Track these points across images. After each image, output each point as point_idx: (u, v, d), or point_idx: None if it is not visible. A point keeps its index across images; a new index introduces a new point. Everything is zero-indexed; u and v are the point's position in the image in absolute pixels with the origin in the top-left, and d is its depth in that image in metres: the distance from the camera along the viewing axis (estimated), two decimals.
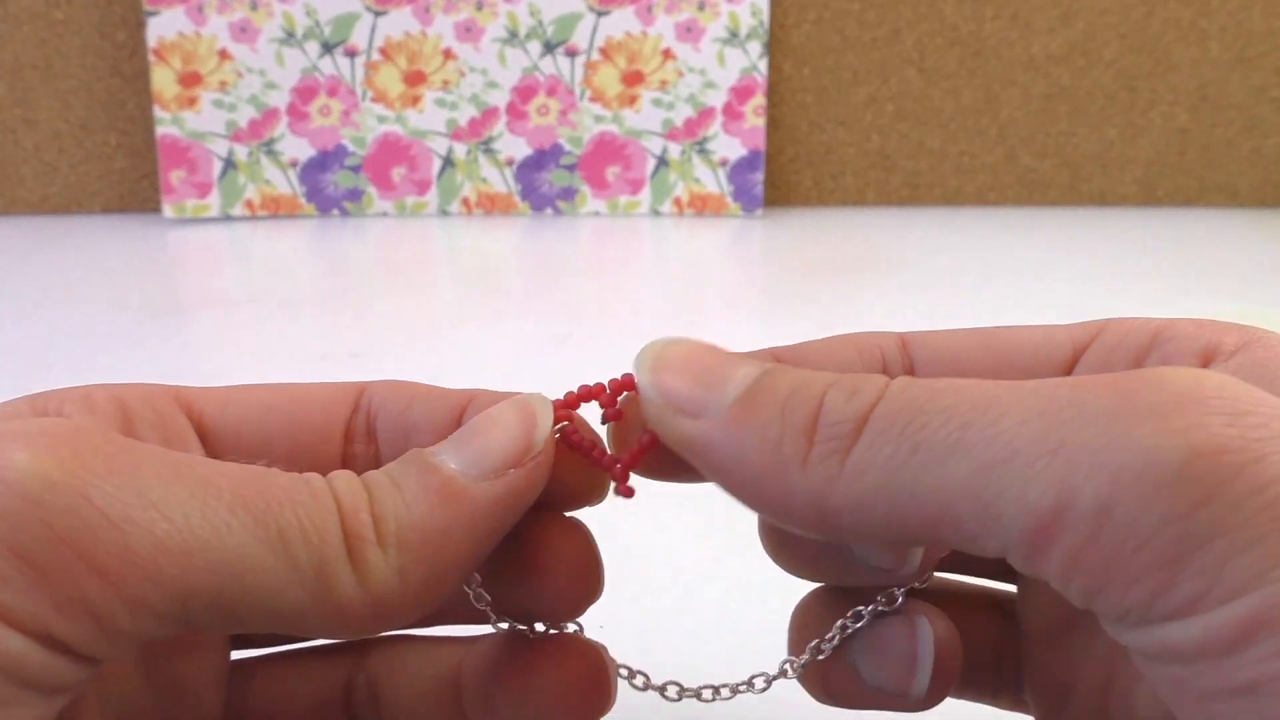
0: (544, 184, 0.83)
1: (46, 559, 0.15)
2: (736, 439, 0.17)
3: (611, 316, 0.63)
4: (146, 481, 0.16)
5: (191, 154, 0.81)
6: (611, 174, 0.83)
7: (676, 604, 0.34)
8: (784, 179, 0.86)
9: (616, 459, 0.20)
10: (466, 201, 0.83)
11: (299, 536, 0.17)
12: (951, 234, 0.80)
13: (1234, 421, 0.14)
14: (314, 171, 0.82)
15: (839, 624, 0.21)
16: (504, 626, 0.21)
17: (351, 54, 0.81)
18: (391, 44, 0.81)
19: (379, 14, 0.81)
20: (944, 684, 0.21)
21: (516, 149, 0.83)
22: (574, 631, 0.22)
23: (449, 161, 0.83)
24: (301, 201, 0.83)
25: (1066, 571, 0.15)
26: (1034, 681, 0.22)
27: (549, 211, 0.84)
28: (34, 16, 0.80)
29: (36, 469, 0.15)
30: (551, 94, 0.82)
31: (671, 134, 0.83)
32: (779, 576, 0.22)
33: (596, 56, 0.82)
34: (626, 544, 0.36)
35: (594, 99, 0.82)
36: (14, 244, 0.77)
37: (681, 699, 0.22)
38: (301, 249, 0.78)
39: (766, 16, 0.81)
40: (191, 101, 0.80)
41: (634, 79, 0.82)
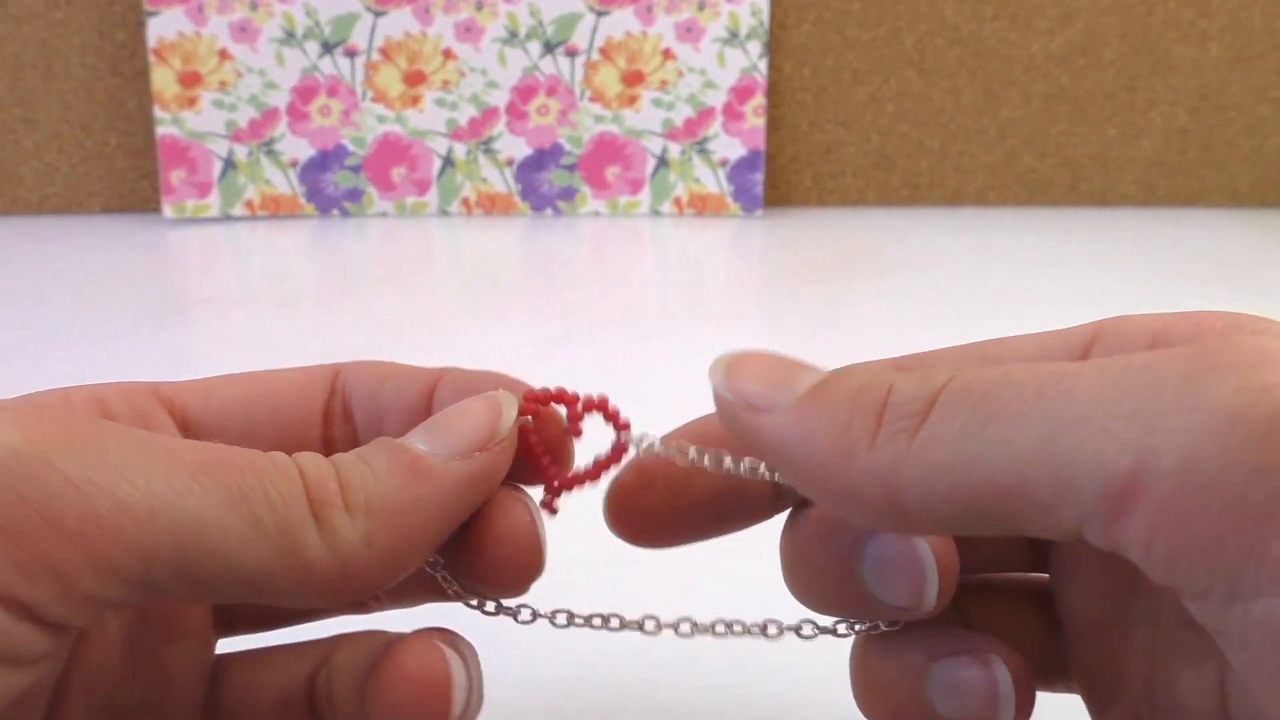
0: (544, 184, 0.83)
1: (9, 521, 0.15)
2: (805, 426, 0.17)
3: (611, 316, 0.63)
4: (109, 449, 0.16)
5: (191, 154, 0.81)
6: (611, 174, 0.83)
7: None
8: (784, 179, 0.86)
9: (556, 475, 0.21)
10: (466, 201, 0.83)
11: (262, 499, 0.17)
12: (951, 234, 0.80)
13: None
14: (314, 171, 0.82)
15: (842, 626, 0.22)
16: (481, 606, 0.22)
17: (351, 54, 0.81)
18: (391, 44, 0.81)
19: (379, 14, 0.81)
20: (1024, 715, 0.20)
21: (516, 149, 0.83)
22: (433, 631, 0.21)
23: (449, 161, 0.83)
24: (301, 201, 0.83)
25: (1148, 537, 0.14)
26: (1081, 675, 0.22)
27: (549, 211, 0.84)
28: (34, 16, 0.80)
29: (1, 439, 0.16)
30: (551, 94, 0.82)
31: (671, 134, 0.83)
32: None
33: (596, 56, 0.82)
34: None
35: (594, 99, 0.82)
36: (14, 244, 0.77)
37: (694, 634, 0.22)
38: (301, 249, 0.78)
39: (766, 16, 0.81)
40: (191, 101, 0.80)
41: (634, 79, 0.82)
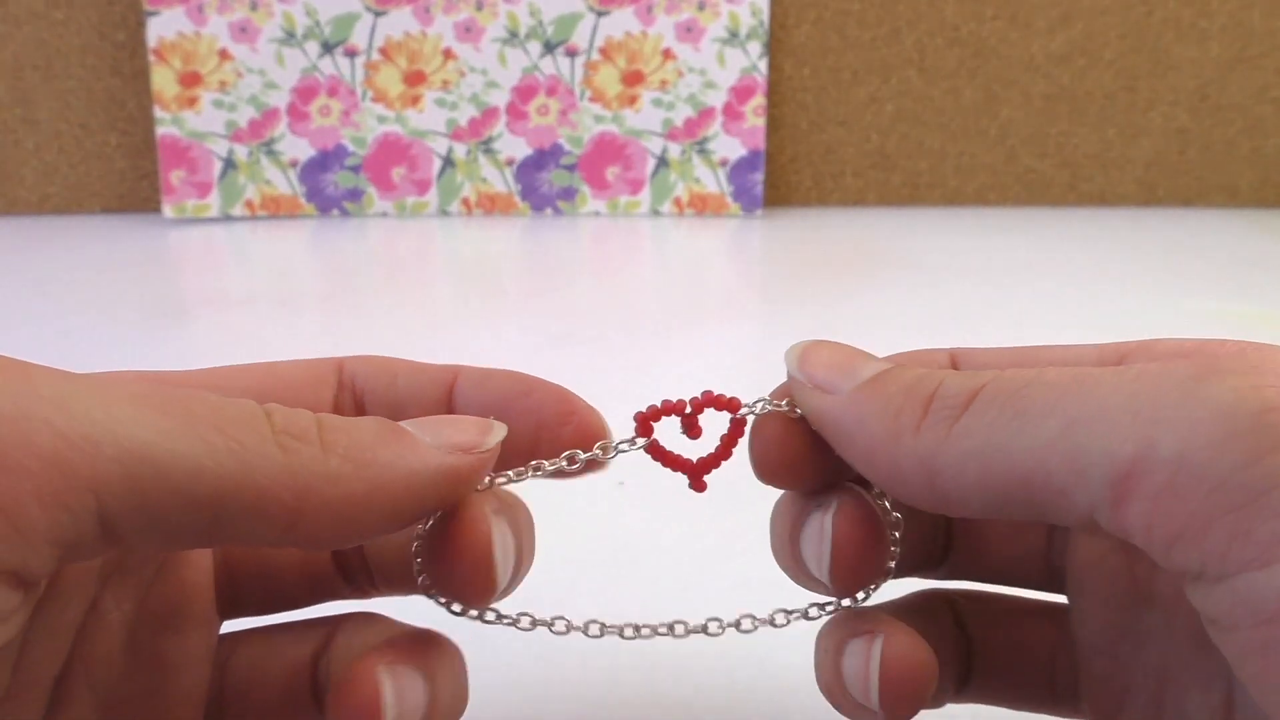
0: (544, 184, 0.83)
1: None
2: (861, 409, 0.19)
3: (611, 316, 0.63)
4: (39, 384, 0.16)
5: (191, 154, 0.81)
6: (611, 174, 0.83)
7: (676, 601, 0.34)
8: (784, 179, 0.86)
9: (693, 463, 0.22)
10: (466, 201, 0.83)
11: (212, 425, 0.16)
12: (951, 234, 0.80)
13: None
14: (314, 171, 0.82)
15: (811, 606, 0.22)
16: (457, 608, 0.21)
17: (351, 54, 0.81)
18: (391, 44, 0.81)
19: (379, 14, 0.81)
20: (898, 701, 0.21)
21: (516, 149, 0.83)
22: (394, 648, 0.21)
23: (449, 161, 0.83)
24: (301, 201, 0.83)
25: (1148, 522, 0.16)
26: (1089, 691, 0.22)
27: (549, 211, 0.84)
28: (34, 16, 0.80)
29: None
30: (551, 94, 0.82)
31: (671, 134, 0.83)
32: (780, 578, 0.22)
33: (596, 56, 0.82)
34: (628, 539, 0.36)
35: (594, 99, 0.82)
36: (14, 244, 0.77)
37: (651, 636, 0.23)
38: (301, 249, 0.78)
39: (766, 16, 0.81)
40: (191, 101, 0.80)
41: (634, 79, 0.82)
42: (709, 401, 0.22)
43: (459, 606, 0.22)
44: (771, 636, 0.23)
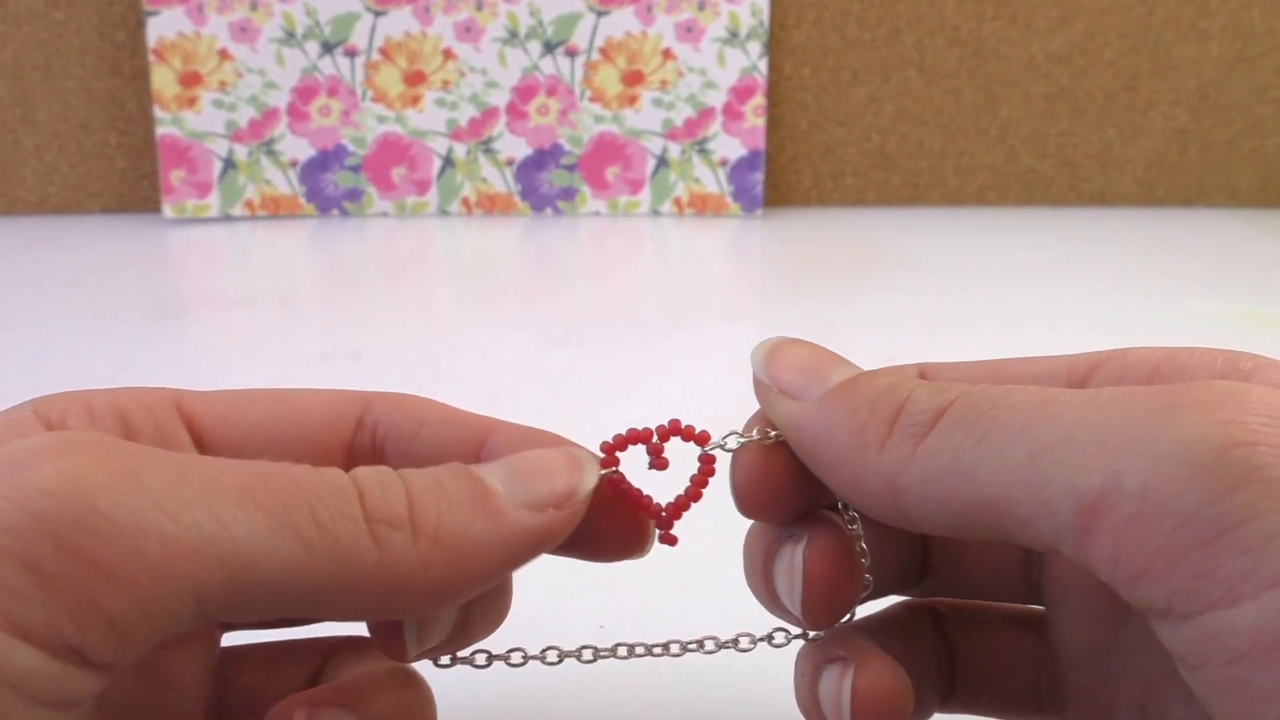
0: (544, 184, 0.83)
1: (57, 569, 0.15)
2: (827, 420, 0.19)
3: (611, 316, 0.63)
4: (150, 486, 0.16)
5: (191, 154, 0.81)
6: (611, 174, 0.83)
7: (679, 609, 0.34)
8: (784, 179, 0.86)
9: (661, 507, 0.21)
10: (466, 201, 0.83)
11: (310, 520, 0.17)
12: (951, 234, 0.80)
13: (1272, 422, 0.15)
14: (314, 171, 0.82)
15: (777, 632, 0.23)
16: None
17: (351, 54, 0.81)
18: (391, 44, 0.81)
19: (379, 14, 0.81)
20: None
21: (516, 149, 0.83)
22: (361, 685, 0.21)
23: (449, 161, 0.83)
24: (301, 201, 0.83)
25: (1113, 556, 0.15)
26: (1073, 703, 0.22)
27: (549, 211, 0.84)
28: (34, 16, 0.80)
29: (41, 484, 0.15)
30: (551, 94, 0.82)
31: (671, 134, 0.83)
32: None
33: (596, 56, 0.82)
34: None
35: (594, 99, 0.82)
36: (14, 244, 0.77)
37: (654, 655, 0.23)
38: (301, 249, 0.78)
39: (766, 16, 0.81)
40: (191, 101, 0.80)
41: (634, 79, 0.82)
42: (676, 431, 0.21)
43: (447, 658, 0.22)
44: (757, 657, 0.23)
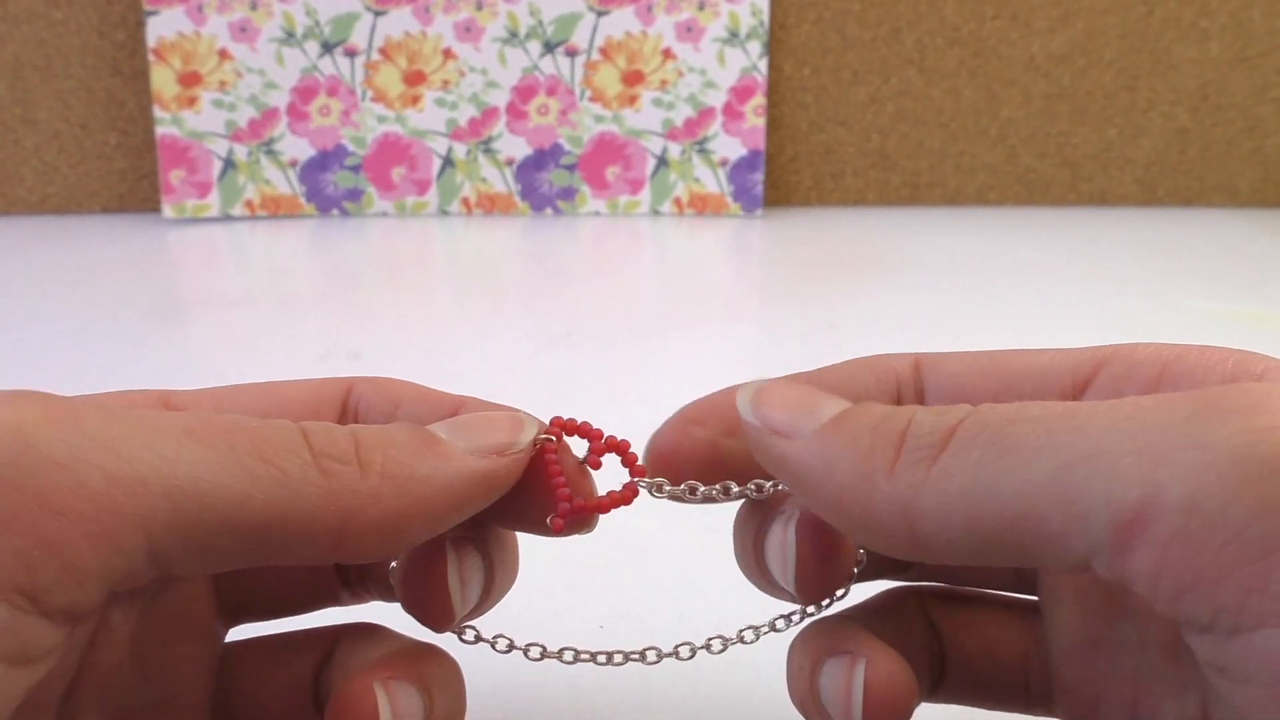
0: (544, 184, 0.83)
1: (1, 509, 0.15)
2: (827, 452, 0.18)
3: (611, 316, 0.63)
4: (89, 427, 0.16)
5: (191, 154, 0.81)
6: (611, 174, 0.83)
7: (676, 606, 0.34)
8: (784, 179, 0.86)
9: (569, 496, 0.21)
10: (466, 201, 0.83)
11: (254, 454, 0.17)
12: (951, 234, 0.80)
13: None
14: (314, 171, 0.82)
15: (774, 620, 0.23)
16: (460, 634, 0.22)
17: (351, 54, 0.81)
18: (391, 44, 0.81)
19: (379, 14, 0.81)
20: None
21: (516, 149, 0.83)
22: (393, 662, 0.21)
23: (449, 161, 0.83)
24: (301, 201, 0.83)
25: (1155, 570, 0.15)
26: (1062, 696, 0.22)
27: (549, 211, 0.84)
28: (34, 16, 0.80)
29: None
30: (551, 94, 0.82)
31: (671, 134, 0.83)
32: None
33: (596, 56, 0.82)
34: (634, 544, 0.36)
35: (594, 99, 0.82)
36: (14, 244, 0.77)
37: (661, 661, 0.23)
38: (301, 249, 0.78)
39: (766, 16, 0.81)
40: (191, 101, 0.80)
41: (634, 79, 0.82)
42: (619, 449, 0.21)
43: (471, 634, 0.22)
44: (747, 653, 0.23)
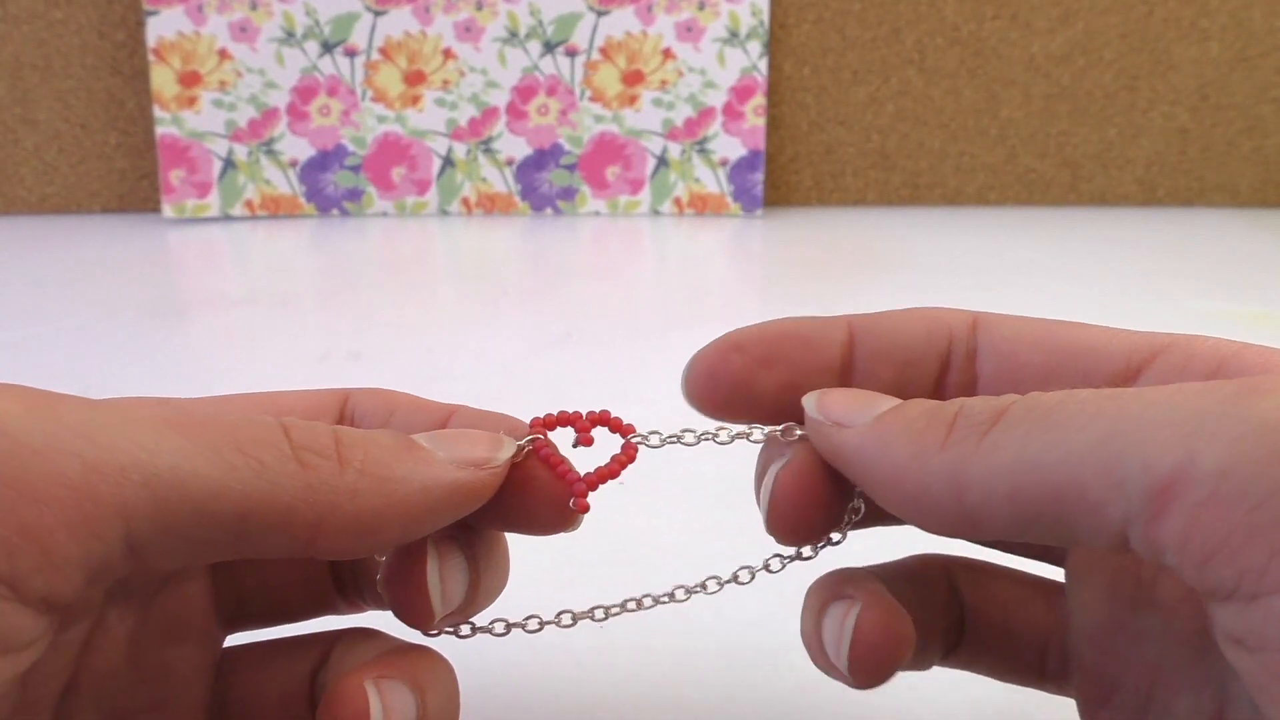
0: (544, 184, 0.83)
1: None
2: (882, 437, 0.19)
3: (611, 316, 0.63)
4: (67, 418, 0.16)
5: (191, 154, 0.81)
6: (611, 174, 0.83)
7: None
8: (784, 179, 0.86)
9: (579, 476, 0.21)
10: (466, 201, 0.83)
11: (233, 445, 0.17)
12: (951, 234, 0.80)
13: None
14: (314, 171, 0.82)
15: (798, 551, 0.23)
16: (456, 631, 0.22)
17: (351, 54, 0.81)
18: (391, 44, 0.81)
19: (379, 14, 0.81)
20: (867, 668, 0.21)
21: (516, 149, 0.83)
22: (383, 661, 0.21)
23: (449, 161, 0.83)
24: (301, 201, 0.83)
25: (1184, 534, 0.15)
26: (1079, 678, 0.23)
27: (549, 211, 0.84)
28: (34, 16, 0.80)
29: None
30: (551, 94, 0.82)
31: (671, 134, 0.83)
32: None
33: (596, 56, 0.82)
34: (627, 535, 0.36)
35: (594, 99, 0.82)
36: (14, 244, 0.77)
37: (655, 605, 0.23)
38: (301, 249, 0.78)
39: (766, 16, 0.81)
40: (191, 101, 0.80)
41: (634, 79, 0.82)
42: (603, 420, 0.22)
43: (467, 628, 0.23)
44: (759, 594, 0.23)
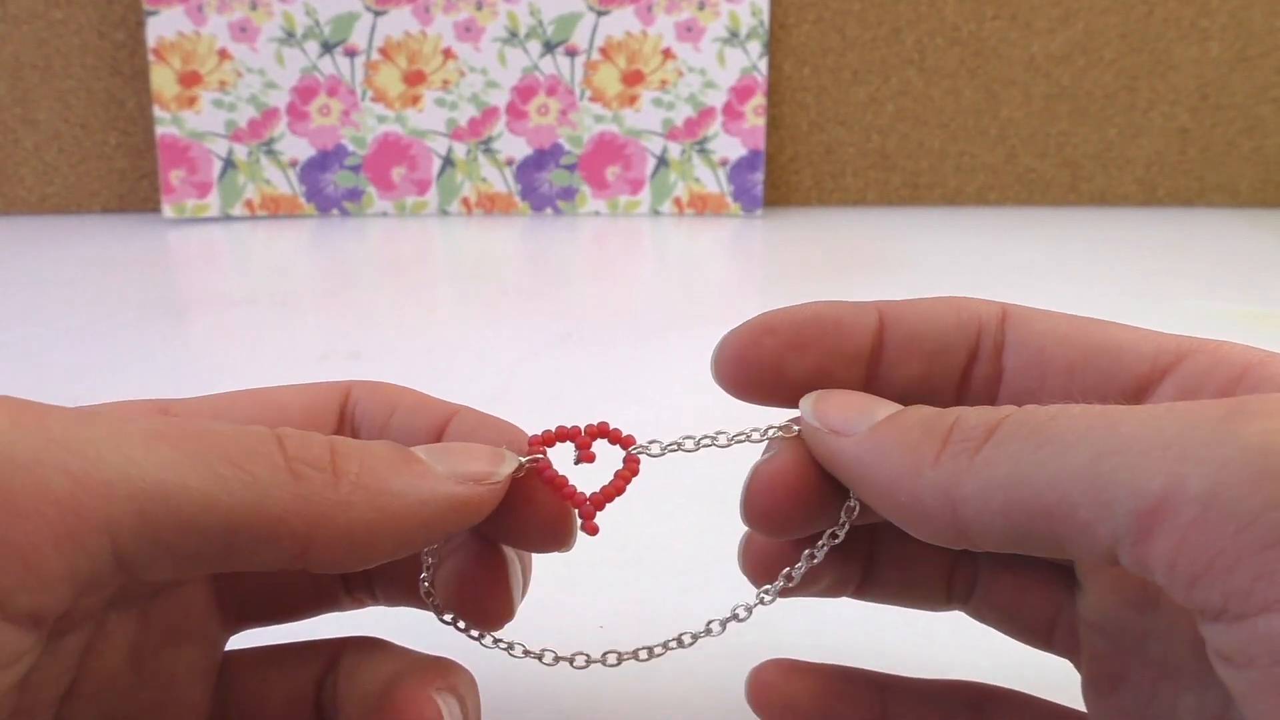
0: (544, 184, 0.83)
1: None
2: (878, 447, 0.19)
3: (611, 316, 0.63)
4: (54, 431, 0.16)
5: (191, 154, 0.81)
6: (611, 174, 0.83)
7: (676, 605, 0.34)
8: (784, 179, 0.86)
9: (585, 497, 0.21)
10: (466, 201, 0.83)
11: (222, 457, 0.17)
12: (951, 234, 0.80)
13: None
14: (314, 171, 0.82)
15: (806, 553, 0.23)
16: (455, 626, 0.23)
17: (351, 54, 0.81)
18: (391, 44, 0.81)
19: (379, 14, 0.81)
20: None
21: (516, 149, 0.83)
22: (432, 670, 0.21)
23: (449, 161, 0.83)
24: (301, 201, 0.83)
25: (1172, 556, 0.15)
26: (1086, 663, 0.23)
27: (549, 211, 0.84)
28: (34, 16, 0.80)
29: None
30: (551, 94, 0.82)
31: (671, 134, 0.83)
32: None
33: (596, 56, 0.82)
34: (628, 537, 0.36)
35: (594, 99, 0.82)
36: (14, 244, 0.77)
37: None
38: (301, 249, 0.78)
39: (766, 16, 0.81)
40: (191, 101, 0.80)
41: (634, 79, 0.82)
42: (602, 432, 0.22)
43: (475, 630, 0.23)
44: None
